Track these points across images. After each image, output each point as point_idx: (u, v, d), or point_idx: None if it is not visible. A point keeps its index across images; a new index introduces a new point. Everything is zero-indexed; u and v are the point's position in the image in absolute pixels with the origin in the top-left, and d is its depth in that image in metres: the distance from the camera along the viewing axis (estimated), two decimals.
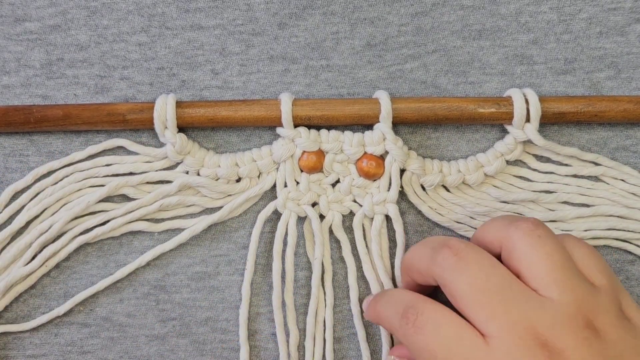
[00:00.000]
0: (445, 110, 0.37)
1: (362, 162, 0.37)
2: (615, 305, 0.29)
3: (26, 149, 0.38)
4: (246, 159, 0.37)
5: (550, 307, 0.27)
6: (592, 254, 0.30)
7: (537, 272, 0.28)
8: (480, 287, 0.28)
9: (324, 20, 0.39)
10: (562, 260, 0.29)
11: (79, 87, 0.38)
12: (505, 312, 0.28)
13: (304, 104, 0.36)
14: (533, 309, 0.27)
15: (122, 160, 0.37)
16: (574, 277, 0.28)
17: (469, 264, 0.29)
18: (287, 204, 0.37)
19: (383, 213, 0.37)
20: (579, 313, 0.27)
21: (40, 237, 0.36)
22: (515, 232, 0.30)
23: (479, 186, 0.38)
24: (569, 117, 0.37)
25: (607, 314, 0.28)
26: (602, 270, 0.30)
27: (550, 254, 0.29)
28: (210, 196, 0.37)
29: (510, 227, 0.30)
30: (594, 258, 0.30)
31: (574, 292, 0.28)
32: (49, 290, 0.38)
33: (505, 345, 0.27)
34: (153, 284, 0.38)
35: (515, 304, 0.28)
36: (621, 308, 0.29)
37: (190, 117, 0.36)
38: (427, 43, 0.39)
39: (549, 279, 0.28)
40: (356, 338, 0.38)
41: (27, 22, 0.38)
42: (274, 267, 0.37)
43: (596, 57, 0.39)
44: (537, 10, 0.39)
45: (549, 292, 0.28)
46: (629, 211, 0.38)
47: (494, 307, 0.28)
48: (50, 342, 0.37)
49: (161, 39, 0.38)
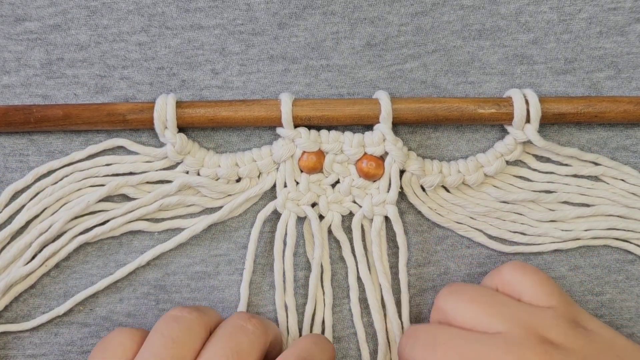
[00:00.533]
0: (445, 110, 0.37)
1: (362, 162, 0.37)
2: (565, 318, 0.31)
3: (26, 149, 0.38)
4: (246, 159, 0.37)
5: (500, 338, 0.29)
6: (530, 282, 0.32)
7: (472, 319, 0.31)
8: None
9: (324, 20, 0.39)
10: (486, 298, 0.31)
11: (79, 86, 0.38)
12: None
13: (304, 104, 0.36)
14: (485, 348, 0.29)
15: (122, 160, 0.37)
16: (508, 308, 0.31)
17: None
18: (287, 204, 0.37)
19: (382, 214, 0.37)
20: (528, 333, 0.29)
21: (40, 237, 0.36)
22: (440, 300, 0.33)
23: (479, 186, 0.38)
24: (569, 117, 0.37)
25: (559, 327, 0.30)
26: (545, 295, 0.32)
27: (472, 298, 0.32)
28: (210, 196, 0.37)
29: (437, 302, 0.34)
30: (540, 285, 0.32)
31: (515, 319, 0.30)
32: (49, 289, 0.38)
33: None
34: (153, 283, 0.38)
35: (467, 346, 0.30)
36: (575, 320, 0.31)
37: (190, 117, 0.36)
38: (427, 43, 0.39)
39: (486, 321, 0.30)
40: (356, 338, 0.38)
41: (27, 21, 0.38)
42: (276, 267, 0.37)
43: (596, 57, 0.39)
44: (537, 10, 0.39)
45: (494, 329, 0.30)
46: (629, 211, 0.38)
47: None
48: (50, 341, 0.37)
49: (161, 39, 0.38)
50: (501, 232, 0.38)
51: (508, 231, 0.38)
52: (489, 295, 0.32)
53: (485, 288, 0.33)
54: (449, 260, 0.39)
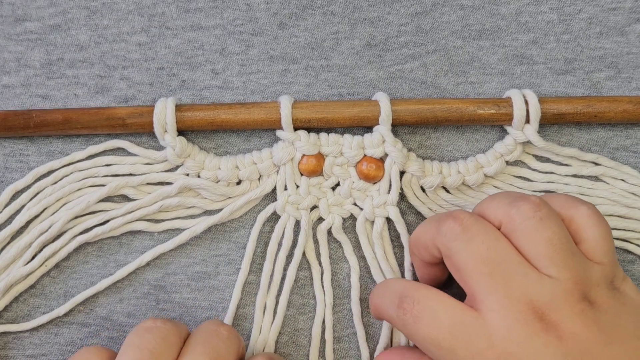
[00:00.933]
0: (445, 111, 0.37)
1: (362, 164, 0.37)
2: (607, 279, 0.30)
3: (26, 149, 0.38)
4: (246, 162, 0.37)
5: (549, 283, 0.29)
6: (599, 234, 0.31)
7: (537, 254, 0.29)
8: (482, 258, 0.29)
9: (324, 20, 0.39)
10: (561, 243, 0.29)
11: (79, 87, 0.38)
12: (504, 285, 0.29)
13: (303, 106, 0.36)
14: (532, 284, 0.29)
15: (122, 161, 0.37)
16: (572, 256, 0.29)
17: (473, 234, 0.30)
18: (286, 208, 0.37)
19: (384, 215, 0.37)
20: (575, 288, 0.29)
21: (40, 237, 0.36)
22: (517, 214, 0.30)
23: (479, 187, 0.38)
24: (569, 117, 0.37)
25: (599, 287, 0.29)
26: (603, 252, 0.30)
27: (550, 238, 0.29)
28: (210, 198, 0.37)
29: (512, 208, 0.31)
30: (599, 239, 0.31)
31: (571, 270, 0.29)
32: (49, 290, 0.38)
33: (504, 319, 0.28)
34: (153, 283, 0.38)
35: (515, 278, 0.29)
36: (614, 281, 0.30)
37: (190, 120, 0.36)
38: (427, 43, 0.39)
39: (548, 260, 0.29)
40: (356, 338, 0.38)
41: (27, 22, 0.38)
42: (265, 267, 0.37)
43: (596, 57, 0.39)
44: (537, 10, 0.39)
45: (547, 271, 0.29)
46: (629, 211, 0.38)
47: (495, 280, 0.29)
48: (50, 341, 0.38)
49: (161, 39, 0.38)
50: None
51: None
52: (564, 238, 0.30)
53: (562, 228, 0.30)
54: None
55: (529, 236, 0.30)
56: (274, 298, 0.37)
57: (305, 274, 0.38)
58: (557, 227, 0.30)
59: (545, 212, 0.30)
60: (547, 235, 0.29)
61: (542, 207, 0.30)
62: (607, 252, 0.31)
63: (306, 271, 0.38)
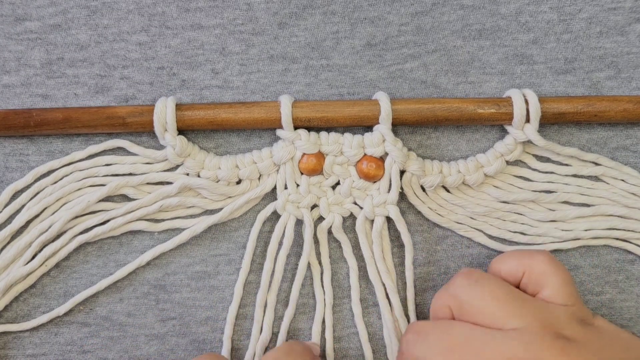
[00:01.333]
0: (445, 111, 0.37)
1: (362, 164, 0.37)
2: (576, 317, 0.31)
3: (26, 148, 0.38)
4: (246, 161, 0.37)
5: (517, 336, 0.29)
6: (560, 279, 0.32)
7: (491, 314, 0.31)
8: (443, 351, 0.31)
9: (324, 20, 0.39)
10: (506, 295, 0.31)
11: (79, 86, 0.38)
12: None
13: (303, 105, 0.36)
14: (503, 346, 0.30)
15: (122, 161, 0.37)
16: (525, 304, 0.31)
17: (428, 335, 0.32)
18: (287, 207, 0.37)
19: (384, 215, 0.37)
20: (545, 330, 0.30)
21: (40, 237, 0.36)
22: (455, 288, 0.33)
23: (479, 186, 0.38)
24: (569, 117, 0.37)
25: (571, 325, 0.30)
26: (567, 295, 0.32)
27: (493, 292, 0.31)
28: (210, 198, 0.37)
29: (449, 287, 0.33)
30: (561, 284, 0.32)
31: (532, 315, 0.30)
32: (49, 289, 0.38)
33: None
34: (153, 283, 0.38)
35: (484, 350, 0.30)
36: (584, 318, 0.32)
37: (190, 119, 0.36)
38: (427, 43, 0.39)
39: (504, 315, 0.31)
40: (356, 337, 0.38)
41: (28, 21, 0.38)
42: (265, 266, 0.37)
43: (596, 57, 0.39)
44: (537, 10, 0.39)
45: (510, 325, 0.30)
46: (629, 211, 0.38)
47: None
48: (50, 341, 0.37)
49: (161, 39, 0.38)
50: (501, 232, 0.38)
51: (508, 231, 0.38)
52: (509, 291, 0.32)
53: (505, 283, 0.33)
54: (449, 260, 0.39)
55: (474, 302, 0.31)
56: (274, 296, 0.37)
57: (305, 274, 0.38)
58: (496, 283, 0.32)
59: (477, 276, 0.32)
60: (489, 291, 0.31)
61: (473, 274, 0.33)
62: (571, 295, 0.32)
63: (306, 271, 0.38)
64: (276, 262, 0.37)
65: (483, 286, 0.32)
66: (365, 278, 0.38)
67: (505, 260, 0.34)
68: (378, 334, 0.38)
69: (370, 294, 0.38)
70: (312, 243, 0.37)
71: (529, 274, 0.33)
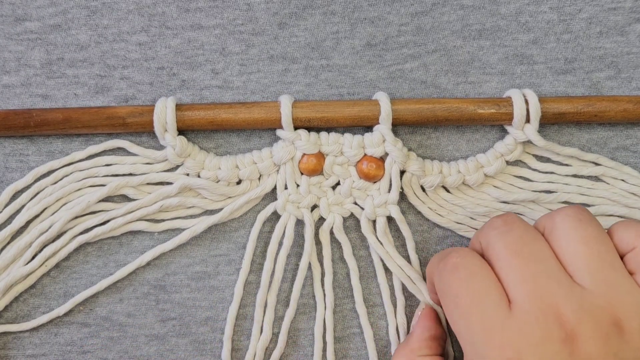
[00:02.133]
0: (445, 111, 0.37)
1: (362, 164, 0.37)
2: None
3: (26, 149, 0.38)
4: (246, 161, 0.37)
5: (579, 293, 0.27)
6: None
7: (573, 257, 0.28)
8: (515, 250, 0.29)
9: (324, 20, 0.39)
10: (599, 250, 0.28)
11: (79, 86, 0.38)
12: (533, 280, 0.28)
13: (303, 106, 0.36)
14: (562, 289, 0.27)
15: (122, 161, 0.37)
16: (611, 270, 0.28)
17: (513, 229, 0.30)
18: (287, 207, 0.37)
19: (385, 215, 0.37)
20: (607, 307, 0.27)
21: (40, 237, 0.36)
22: (558, 214, 0.30)
23: (479, 187, 0.38)
24: (569, 117, 0.37)
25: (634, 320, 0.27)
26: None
27: (587, 239, 0.28)
28: (210, 198, 0.37)
29: (555, 212, 0.30)
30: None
31: (608, 286, 0.27)
32: (49, 290, 0.38)
33: (525, 314, 0.27)
34: (153, 283, 0.38)
35: (545, 277, 0.28)
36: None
37: (190, 120, 0.36)
38: (427, 43, 0.39)
39: (582, 267, 0.28)
40: (356, 338, 0.38)
41: (28, 21, 0.38)
42: (265, 266, 0.37)
43: (596, 57, 0.39)
44: (537, 10, 0.39)
45: (581, 280, 0.27)
46: (629, 211, 0.38)
47: (524, 273, 0.28)
48: (50, 341, 0.37)
49: (161, 39, 0.38)
50: None
51: None
52: (604, 246, 0.28)
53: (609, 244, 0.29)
54: None
55: (565, 234, 0.29)
56: (274, 296, 0.37)
57: (305, 274, 0.38)
58: (597, 232, 0.29)
59: (586, 216, 0.29)
60: (584, 235, 0.28)
61: (585, 212, 0.30)
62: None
63: (307, 271, 0.38)
64: (276, 263, 0.37)
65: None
66: (365, 279, 0.38)
67: (626, 228, 0.30)
68: (378, 334, 0.38)
69: (369, 295, 0.38)
70: (314, 243, 0.37)
71: (637, 252, 0.28)
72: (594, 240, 0.28)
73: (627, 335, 0.26)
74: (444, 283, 0.30)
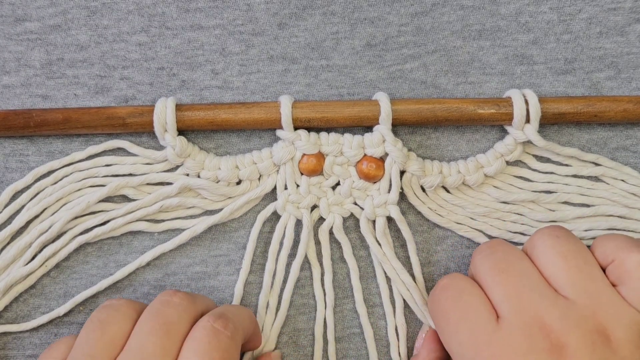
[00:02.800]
0: (445, 111, 0.37)
1: (362, 164, 0.37)
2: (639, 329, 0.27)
3: (26, 149, 0.38)
4: (246, 162, 0.37)
5: (564, 304, 0.28)
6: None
7: (554, 272, 0.30)
8: (501, 268, 0.30)
9: (324, 20, 0.39)
10: (577, 263, 0.29)
11: (79, 87, 0.38)
12: (518, 294, 0.29)
13: (303, 106, 0.36)
14: (546, 301, 0.28)
15: (122, 161, 0.37)
16: (591, 281, 0.29)
17: (498, 251, 0.32)
18: (287, 207, 0.37)
19: (385, 215, 0.37)
20: (592, 316, 0.28)
21: (40, 237, 0.36)
22: (536, 234, 0.32)
23: (479, 187, 0.38)
24: (569, 117, 0.37)
25: (625, 331, 0.27)
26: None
27: (564, 254, 0.30)
28: (210, 198, 0.37)
29: (534, 233, 0.32)
30: None
31: (590, 296, 0.28)
32: (49, 290, 0.38)
33: (512, 327, 0.28)
34: (153, 284, 0.38)
35: (529, 290, 0.29)
36: None
37: (190, 120, 0.36)
38: (427, 43, 0.39)
39: (564, 279, 0.29)
40: (356, 338, 0.38)
41: (27, 22, 0.38)
42: (267, 266, 0.37)
43: (596, 57, 0.39)
44: (537, 10, 0.39)
45: (564, 292, 0.29)
46: (629, 211, 0.38)
47: (509, 288, 0.29)
48: (50, 341, 0.37)
49: (161, 39, 0.38)
50: (501, 233, 0.38)
51: (508, 232, 0.38)
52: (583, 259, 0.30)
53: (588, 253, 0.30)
54: (450, 261, 0.39)
55: (544, 251, 0.30)
56: (276, 297, 0.37)
57: (305, 274, 0.38)
58: (574, 246, 0.30)
59: (563, 232, 0.31)
60: (562, 250, 0.30)
61: (561, 230, 0.31)
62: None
63: (306, 271, 0.38)
64: (277, 263, 0.37)
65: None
66: (365, 279, 0.38)
67: (606, 242, 0.31)
68: (378, 334, 0.38)
69: (369, 295, 0.38)
70: (308, 243, 0.37)
71: (618, 265, 0.29)
72: (572, 254, 0.30)
73: (613, 343, 0.27)
74: (434, 302, 0.32)
